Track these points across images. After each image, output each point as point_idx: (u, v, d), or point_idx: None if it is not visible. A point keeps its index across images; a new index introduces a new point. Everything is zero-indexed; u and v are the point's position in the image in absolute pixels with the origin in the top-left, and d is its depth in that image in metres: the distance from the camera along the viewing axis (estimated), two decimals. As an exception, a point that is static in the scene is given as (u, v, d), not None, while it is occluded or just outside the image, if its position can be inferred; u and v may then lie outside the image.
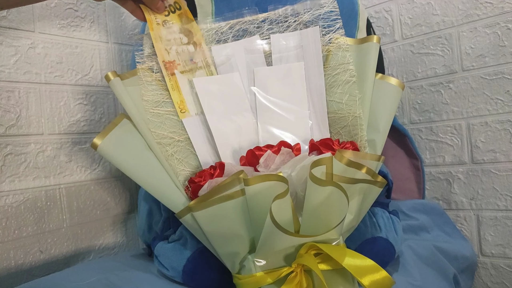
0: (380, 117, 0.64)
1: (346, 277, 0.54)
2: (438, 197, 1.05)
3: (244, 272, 0.55)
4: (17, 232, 0.75)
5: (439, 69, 1.02)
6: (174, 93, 0.64)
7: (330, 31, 0.68)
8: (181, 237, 0.66)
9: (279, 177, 0.50)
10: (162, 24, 0.65)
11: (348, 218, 0.57)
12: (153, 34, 0.64)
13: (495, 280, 0.97)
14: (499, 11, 0.93)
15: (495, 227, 0.96)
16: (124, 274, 0.63)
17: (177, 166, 0.61)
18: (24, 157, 0.77)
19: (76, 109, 0.85)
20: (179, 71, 0.65)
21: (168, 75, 0.64)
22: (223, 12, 0.78)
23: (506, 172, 0.94)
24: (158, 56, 0.64)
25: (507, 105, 0.93)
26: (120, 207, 0.92)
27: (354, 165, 0.54)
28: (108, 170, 0.90)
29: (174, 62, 0.64)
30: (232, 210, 0.53)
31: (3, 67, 0.75)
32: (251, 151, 0.59)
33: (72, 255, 0.83)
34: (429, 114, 1.05)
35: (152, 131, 0.62)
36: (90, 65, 0.88)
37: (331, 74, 0.66)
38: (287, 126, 0.65)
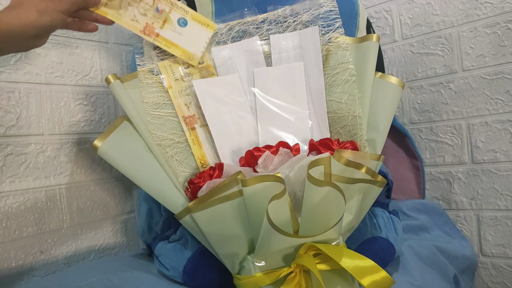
0: (380, 116, 0.64)
1: (345, 277, 0.54)
2: (438, 197, 1.05)
3: (243, 273, 0.55)
4: (17, 232, 0.75)
5: (439, 69, 1.02)
6: (195, 148, 0.64)
7: (330, 30, 0.68)
8: (182, 237, 0.67)
9: (276, 178, 0.50)
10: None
11: (348, 218, 0.57)
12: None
13: (496, 280, 0.97)
14: (499, 11, 0.93)
15: (496, 227, 0.96)
16: (125, 274, 0.63)
17: (177, 168, 0.61)
18: (24, 157, 0.77)
19: (76, 109, 0.85)
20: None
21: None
22: (223, 12, 0.78)
23: (506, 172, 0.94)
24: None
25: (507, 105, 0.93)
26: (120, 208, 0.92)
27: (353, 164, 0.54)
28: (108, 171, 0.90)
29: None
30: (230, 211, 0.53)
31: (3, 67, 0.75)
32: (250, 151, 0.59)
33: (72, 255, 0.83)
34: (429, 114, 1.05)
35: (152, 133, 0.62)
36: (90, 65, 0.88)
37: (330, 74, 0.66)
38: (287, 127, 0.65)
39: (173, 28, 0.65)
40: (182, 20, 0.65)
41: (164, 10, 0.65)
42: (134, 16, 0.64)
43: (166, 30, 0.65)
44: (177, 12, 0.66)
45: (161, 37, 0.64)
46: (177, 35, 0.65)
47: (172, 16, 0.65)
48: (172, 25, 0.65)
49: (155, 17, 0.65)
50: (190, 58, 0.65)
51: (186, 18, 0.66)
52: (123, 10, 0.63)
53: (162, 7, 0.65)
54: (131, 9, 0.64)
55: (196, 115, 0.65)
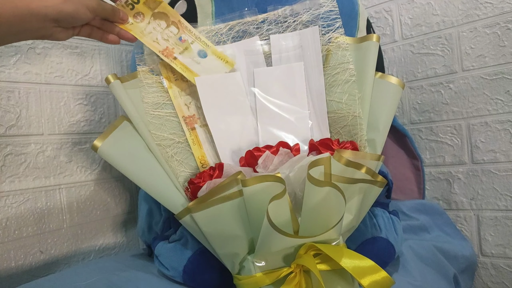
0: (380, 116, 0.64)
1: (345, 277, 0.54)
2: (438, 197, 1.05)
3: (244, 273, 0.55)
4: (17, 232, 0.75)
5: (439, 69, 1.02)
6: (195, 148, 0.63)
7: (330, 30, 0.68)
8: (182, 237, 0.67)
9: (276, 178, 0.50)
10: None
11: (348, 218, 0.57)
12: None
13: (495, 280, 0.97)
14: (499, 11, 0.93)
15: (495, 227, 0.96)
16: (125, 274, 0.63)
17: (177, 168, 0.61)
18: (24, 157, 0.77)
19: (76, 109, 0.85)
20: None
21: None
22: (223, 12, 0.78)
23: (506, 172, 0.94)
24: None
25: (507, 105, 0.93)
26: (120, 207, 0.92)
27: (353, 165, 0.54)
28: (108, 171, 0.90)
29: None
30: (230, 211, 0.53)
31: (3, 67, 0.75)
32: (250, 152, 0.59)
33: (72, 256, 0.83)
34: (429, 114, 1.05)
35: (152, 133, 0.62)
36: (90, 65, 0.88)
37: (330, 74, 0.66)
38: (287, 127, 0.65)
39: (192, 56, 0.65)
40: (202, 52, 0.66)
41: (186, 40, 0.66)
42: (156, 39, 0.64)
43: (185, 57, 0.65)
44: (199, 44, 0.66)
45: (178, 61, 0.64)
46: (195, 63, 0.65)
47: (193, 47, 0.66)
48: (192, 53, 0.65)
49: (176, 44, 0.65)
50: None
51: (207, 51, 0.66)
52: (147, 32, 0.64)
53: (186, 38, 0.65)
54: (155, 33, 0.64)
55: (196, 115, 0.65)
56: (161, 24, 0.65)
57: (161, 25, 0.65)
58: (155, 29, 0.65)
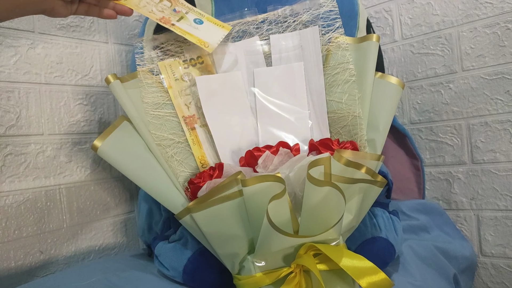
0: (380, 116, 0.64)
1: (345, 278, 0.54)
2: (438, 197, 1.05)
3: (243, 273, 0.55)
4: (17, 232, 0.75)
5: (439, 69, 1.02)
6: (194, 148, 0.63)
7: (330, 30, 0.68)
8: (182, 237, 0.67)
9: (276, 178, 0.50)
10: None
11: (348, 218, 0.57)
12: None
13: (495, 280, 0.97)
14: (499, 11, 0.93)
15: (495, 227, 0.96)
16: (124, 274, 0.63)
17: (177, 168, 0.61)
18: (24, 157, 0.77)
19: (76, 109, 0.85)
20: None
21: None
22: (223, 12, 0.78)
23: (506, 172, 0.94)
24: (178, 111, 0.65)
25: (507, 105, 0.93)
26: (120, 207, 0.92)
27: (353, 165, 0.54)
28: (108, 171, 0.90)
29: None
30: (230, 211, 0.53)
31: (3, 67, 0.75)
32: (250, 152, 0.59)
33: (72, 256, 0.83)
34: (429, 114, 1.05)
35: (152, 133, 0.62)
36: (90, 65, 0.88)
37: (330, 74, 0.66)
38: (287, 127, 0.65)
39: (189, 23, 0.66)
40: (198, 20, 0.67)
41: (181, 11, 0.66)
42: (152, 11, 0.65)
43: (182, 23, 0.66)
44: (193, 14, 0.67)
45: (176, 27, 0.65)
46: (193, 28, 0.66)
47: (188, 16, 0.67)
48: (188, 21, 0.66)
49: (172, 14, 0.66)
50: (205, 45, 0.64)
51: (202, 19, 0.67)
52: (142, 5, 0.65)
53: (180, 9, 0.66)
54: (149, 6, 0.65)
55: (196, 115, 0.65)
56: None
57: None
58: (149, 3, 0.65)
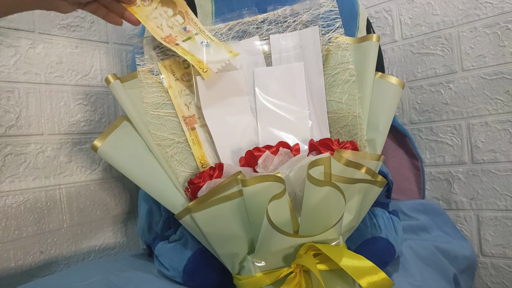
0: (380, 116, 0.64)
1: (345, 278, 0.54)
2: (438, 197, 1.05)
3: (243, 273, 0.55)
4: (17, 232, 0.75)
5: (439, 69, 1.02)
6: (194, 148, 0.63)
7: (330, 30, 0.68)
8: (182, 237, 0.67)
9: (276, 178, 0.50)
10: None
11: (348, 218, 0.57)
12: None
13: (495, 280, 0.97)
14: (499, 11, 0.93)
15: (495, 227, 0.96)
16: (124, 274, 0.63)
17: (177, 168, 0.61)
18: (24, 157, 0.77)
19: (76, 109, 0.85)
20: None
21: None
22: (223, 12, 0.78)
23: (506, 172, 0.94)
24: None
25: (507, 105, 0.93)
26: (120, 207, 0.92)
27: (353, 165, 0.54)
28: (108, 171, 0.90)
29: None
30: (230, 211, 0.53)
31: (3, 67, 0.75)
32: (250, 152, 0.59)
33: (72, 256, 0.83)
34: (429, 114, 1.05)
35: (152, 133, 0.62)
36: (90, 65, 0.88)
37: (330, 74, 0.66)
38: (287, 127, 0.65)
39: (194, 44, 0.64)
40: (205, 43, 0.65)
41: (191, 31, 0.65)
42: (161, 25, 0.64)
43: (187, 44, 0.64)
44: (202, 37, 0.65)
45: (180, 47, 0.63)
46: (197, 49, 0.63)
47: (197, 38, 0.65)
48: (195, 43, 0.64)
49: (180, 33, 0.64)
50: (203, 70, 0.62)
51: (210, 43, 0.65)
52: (152, 17, 0.63)
53: (190, 29, 0.65)
54: (160, 19, 0.64)
55: (196, 115, 0.65)
56: (167, 12, 0.64)
57: (167, 12, 0.65)
58: (161, 15, 0.64)
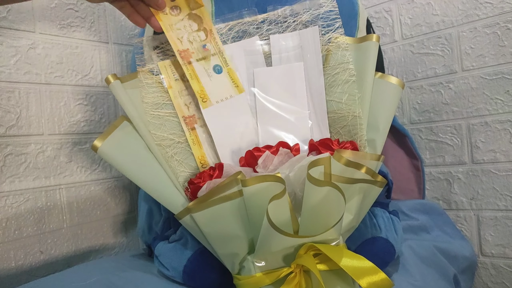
0: (380, 117, 0.64)
1: (345, 278, 0.54)
2: (438, 197, 1.05)
3: (244, 273, 0.55)
4: (17, 232, 0.75)
5: (439, 69, 1.02)
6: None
7: (330, 30, 0.68)
8: (182, 237, 0.67)
9: (276, 178, 0.50)
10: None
11: (348, 218, 0.57)
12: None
13: (495, 280, 0.97)
14: (499, 11, 0.93)
15: (495, 227, 0.96)
16: (124, 274, 0.63)
17: (177, 168, 0.61)
18: (24, 157, 0.77)
19: (76, 109, 0.85)
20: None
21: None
22: (223, 12, 0.78)
23: (506, 172, 0.94)
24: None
25: (507, 105, 0.93)
26: (120, 208, 0.92)
27: (353, 165, 0.54)
28: (108, 171, 0.90)
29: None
30: (230, 211, 0.53)
31: (4, 67, 0.75)
32: (250, 152, 0.59)
33: (72, 256, 0.83)
34: (429, 114, 1.05)
35: (152, 133, 0.62)
36: (90, 65, 0.88)
37: (330, 74, 0.66)
38: (287, 127, 0.65)
39: (207, 67, 0.64)
40: (218, 68, 0.65)
41: (209, 50, 0.65)
42: (181, 37, 0.64)
43: (199, 65, 0.64)
44: (219, 59, 0.65)
45: (191, 67, 0.63)
46: (206, 75, 0.64)
47: (212, 59, 0.65)
48: (208, 65, 0.64)
49: (198, 50, 0.64)
50: (203, 99, 0.63)
51: (223, 69, 0.65)
52: (176, 28, 0.64)
53: (209, 48, 0.65)
54: (183, 32, 0.64)
55: (196, 115, 0.65)
56: (192, 26, 0.65)
57: (192, 26, 0.65)
58: (185, 27, 0.64)
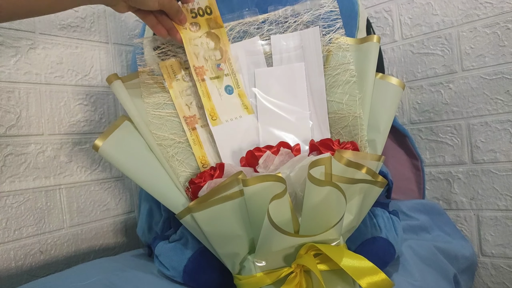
0: (380, 117, 0.64)
1: (346, 278, 0.54)
2: (438, 197, 1.05)
3: (244, 273, 0.55)
4: (17, 232, 0.75)
5: (439, 69, 1.02)
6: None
7: (330, 31, 0.68)
8: (182, 237, 0.67)
9: (277, 178, 0.50)
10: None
11: (348, 218, 0.57)
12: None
13: (495, 280, 0.97)
14: (499, 11, 0.93)
15: (495, 227, 0.96)
16: (125, 274, 0.63)
17: (178, 167, 0.61)
18: (24, 157, 0.77)
19: (76, 109, 0.85)
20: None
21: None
22: (223, 13, 0.77)
23: (506, 172, 0.94)
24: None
25: (507, 105, 0.93)
26: (120, 208, 0.92)
27: (353, 165, 0.54)
28: (108, 171, 0.90)
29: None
30: (231, 211, 0.53)
31: (4, 67, 0.75)
32: (251, 152, 0.59)
33: (72, 256, 0.83)
34: (429, 114, 1.05)
35: (153, 133, 0.62)
36: (90, 65, 0.88)
37: (331, 74, 0.66)
38: (287, 127, 0.65)
39: (219, 87, 0.65)
40: (229, 88, 0.65)
41: (223, 70, 0.65)
42: (198, 54, 0.64)
43: (212, 84, 0.65)
44: (231, 80, 0.66)
45: (204, 84, 0.64)
46: (218, 94, 0.65)
47: (225, 79, 0.66)
48: (220, 85, 0.65)
49: (212, 68, 0.65)
50: (212, 117, 0.63)
51: (235, 90, 0.66)
52: (194, 44, 0.64)
53: (223, 68, 0.65)
54: (200, 48, 0.65)
55: (197, 115, 0.65)
56: (209, 44, 0.65)
57: (209, 44, 0.65)
58: (202, 45, 0.65)
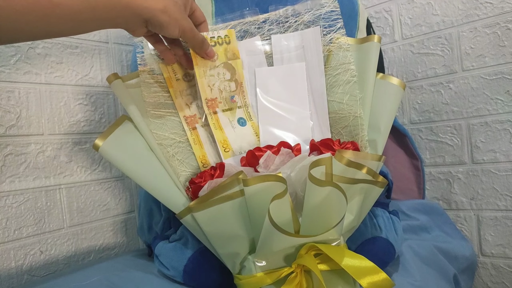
0: (381, 117, 0.64)
1: (346, 278, 0.54)
2: (438, 197, 1.05)
3: (244, 273, 0.55)
4: (17, 232, 0.75)
5: (439, 69, 1.02)
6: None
7: (331, 31, 0.68)
8: (182, 237, 0.67)
9: (277, 178, 0.50)
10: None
11: (349, 218, 0.57)
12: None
13: (495, 280, 0.97)
14: (499, 11, 0.93)
15: (495, 227, 0.96)
16: (125, 274, 0.63)
17: (178, 167, 0.61)
18: (24, 157, 0.76)
19: (76, 109, 0.85)
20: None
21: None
22: (224, 12, 0.78)
23: (506, 172, 0.94)
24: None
25: (507, 105, 0.93)
26: (120, 207, 0.92)
27: (354, 165, 0.54)
28: (108, 171, 0.90)
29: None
30: (231, 211, 0.53)
31: (3, 67, 0.75)
32: (251, 151, 0.59)
33: (72, 256, 0.83)
34: (429, 114, 1.05)
35: (153, 132, 0.62)
36: (90, 65, 0.88)
37: (332, 74, 0.66)
38: (288, 127, 0.65)
39: (231, 119, 0.64)
40: (242, 121, 0.65)
41: (236, 102, 0.65)
42: (213, 85, 0.64)
43: (224, 116, 0.64)
44: (244, 112, 0.65)
45: (216, 117, 0.63)
46: (230, 126, 0.64)
47: (237, 112, 0.65)
48: (233, 117, 0.64)
49: (225, 100, 0.64)
50: (225, 149, 0.62)
51: (247, 122, 0.65)
52: (209, 74, 0.63)
53: (237, 100, 0.65)
54: (215, 79, 0.64)
55: (198, 115, 0.65)
56: (225, 75, 0.65)
57: (225, 75, 0.65)
58: (218, 75, 0.64)
